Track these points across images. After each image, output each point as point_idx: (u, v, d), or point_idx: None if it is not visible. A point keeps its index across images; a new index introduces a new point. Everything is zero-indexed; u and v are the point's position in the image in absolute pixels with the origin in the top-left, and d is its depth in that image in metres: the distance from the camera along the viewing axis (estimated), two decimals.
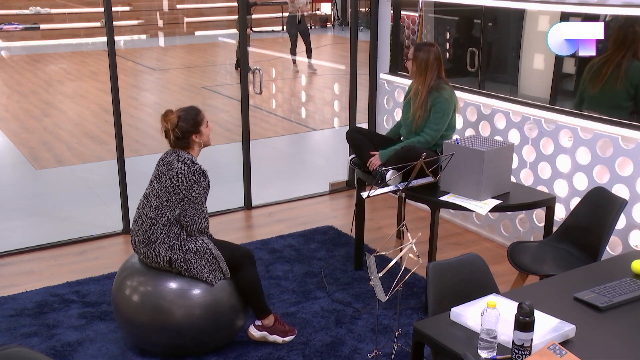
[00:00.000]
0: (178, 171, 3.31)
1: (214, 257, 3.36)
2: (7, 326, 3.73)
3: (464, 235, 5.04)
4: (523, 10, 4.95)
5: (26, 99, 10.02)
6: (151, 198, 3.37)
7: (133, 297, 3.35)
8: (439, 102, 4.10)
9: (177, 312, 3.30)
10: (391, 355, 3.45)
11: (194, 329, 3.32)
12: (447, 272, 2.72)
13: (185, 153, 3.37)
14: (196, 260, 3.33)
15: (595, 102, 4.34)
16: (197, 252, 3.34)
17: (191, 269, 3.32)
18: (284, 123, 9.03)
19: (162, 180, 3.35)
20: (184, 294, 3.31)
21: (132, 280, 3.40)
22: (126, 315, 3.40)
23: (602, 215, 3.48)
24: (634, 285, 2.70)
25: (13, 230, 5.17)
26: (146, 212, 3.37)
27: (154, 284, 3.34)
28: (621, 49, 4.17)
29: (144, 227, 3.35)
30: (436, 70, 4.14)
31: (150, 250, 3.34)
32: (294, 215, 5.41)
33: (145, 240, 3.34)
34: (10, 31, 15.31)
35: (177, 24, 17.46)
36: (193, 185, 3.31)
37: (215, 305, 3.34)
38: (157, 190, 3.35)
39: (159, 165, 3.43)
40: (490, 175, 3.73)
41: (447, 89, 4.17)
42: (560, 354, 2.12)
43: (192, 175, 3.30)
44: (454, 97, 4.20)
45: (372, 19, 5.70)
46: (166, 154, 3.43)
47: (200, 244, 3.36)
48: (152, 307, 3.31)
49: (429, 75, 4.12)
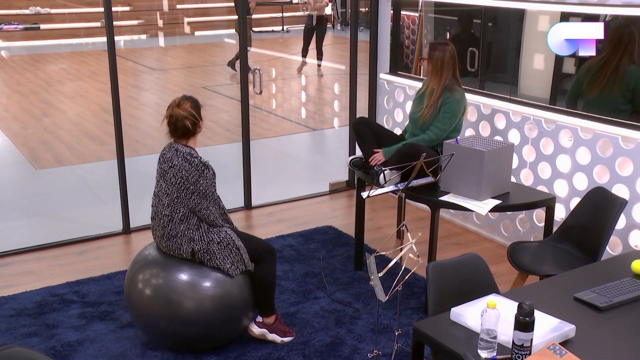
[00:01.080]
0: (180, 168, 3.31)
1: (237, 248, 3.39)
2: (7, 326, 3.73)
3: (464, 235, 5.04)
4: (523, 10, 4.95)
5: (26, 99, 10.02)
6: (161, 196, 3.39)
7: (145, 290, 3.38)
8: (450, 102, 4.10)
9: (187, 304, 3.32)
10: (391, 355, 3.45)
11: (203, 320, 3.35)
12: (447, 272, 2.72)
13: (182, 147, 3.36)
14: (219, 250, 3.35)
15: (594, 105, 4.34)
16: (221, 242, 3.36)
17: (214, 259, 3.35)
18: (284, 123, 9.03)
19: (166, 178, 3.35)
20: (194, 286, 3.33)
21: (143, 274, 3.42)
22: (139, 309, 3.42)
23: (602, 215, 3.48)
24: (634, 285, 2.70)
25: (13, 230, 5.17)
26: (160, 209, 3.39)
27: (165, 277, 3.36)
28: (617, 50, 4.17)
29: (162, 224, 3.38)
30: (451, 69, 4.13)
31: (173, 244, 3.37)
32: (294, 215, 5.41)
33: (165, 235, 3.37)
34: (10, 31, 15.30)
35: (177, 24, 17.45)
36: (199, 180, 3.31)
37: (225, 298, 3.37)
38: (165, 189, 3.36)
39: (160, 162, 3.43)
40: (490, 175, 3.73)
41: (459, 90, 4.17)
42: (560, 354, 2.12)
43: (195, 170, 3.31)
44: (465, 100, 4.20)
45: (372, 19, 5.70)
46: (165, 149, 3.43)
47: (224, 235, 3.38)
48: (164, 300, 3.33)
49: (445, 74, 4.11)
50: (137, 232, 5.02)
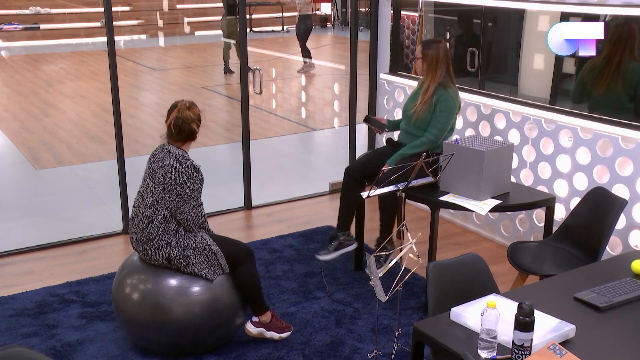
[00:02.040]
0: (170, 168, 3.30)
1: (212, 253, 3.36)
2: (7, 326, 3.73)
3: (464, 235, 5.04)
4: (523, 10, 4.95)
5: (26, 99, 10.02)
6: (145, 196, 3.37)
7: (133, 295, 3.36)
8: (444, 100, 4.08)
9: (176, 310, 3.30)
10: (391, 355, 3.45)
11: (193, 326, 3.32)
12: (447, 272, 2.72)
13: (176, 149, 3.36)
14: (195, 256, 3.33)
15: (600, 104, 4.34)
16: (196, 248, 3.33)
17: (190, 265, 3.32)
18: (283, 123, 9.03)
19: (155, 178, 3.34)
20: (183, 291, 3.31)
21: (132, 279, 3.40)
22: (126, 314, 3.40)
23: (602, 215, 3.48)
24: (634, 285, 2.70)
25: (13, 230, 5.17)
26: (142, 210, 3.36)
27: (153, 282, 3.34)
28: (618, 47, 4.17)
29: (141, 226, 3.35)
30: (445, 66, 4.13)
31: (149, 248, 3.33)
32: (294, 215, 5.41)
33: (143, 238, 3.34)
34: (10, 31, 15.30)
35: (177, 24, 17.45)
36: (186, 182, 3.30)
37: (214, 303, 3.34)
38: (150, 188, 3.35)
39: (150, 162, 3.42)
40: (490, 175, 3.73)
41: (453, 87, 4.16)
42: (560, 354, 2.12)
43: (185, 172, 3.30)
44: (459, 98, 4.20)
45: (372, 19, 5.70)
46: (157, 150, 3.43)
47: (199, 240, 3.36)
48: (152, 305, 3.31)
49: (439, 71, 4.11)
50: None
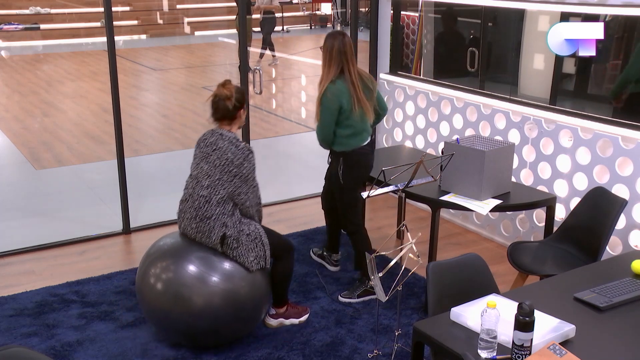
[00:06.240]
0: (226, 150, 3.34)
1: (262, 244, 3.43)
2: (7, 326, 3.73)
3: (464, 235, 5.04)
4: (523, 10, 4.95)
5: (26, 99, 10.02)
6: (201, 178, 3.39)
7: (157, 285, 3.38)
8: (324, 94, 3.80)
9: (197, 299, 3.31)
10: (391, 355, 3.45)
11: (214, 315, 3.35)
12: (447, 272, 2.72)
13: (227, 132, 3.41)
14: (247, 242, 3.39)
15: None
16: (250, 235, 3.40)
17: (240, 248, 3.37)
18: (284, 123, 9.03)
19: (209, 160, 3.37)
20: (204, 280, 3.32)
21: (155, 268, 3.42)
22: (150, 303, 3.43)
23: (602, 215, 3.48)
24: (634, 285, 2.70)
25: (13, 230, 5.17)
26: (197, 191, 3.39)
27: (175, 271, 3.36)
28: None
29: (196, 205, 3.38)
30: (341, 64, 3.77)
31: (204, 226, 3.36)
32: (294, 215, 5.41)
33: (199, 216, 3.37)
34: (10, 31, 15.30)
35: (177, 24, 17.45)
36: (243, 163, 3.36)
37: (235, 294, 3.37)
38: (206, 170, 3.38)
39: (201, 147, 3.44)
40: (490, 175, 3.73)
41: (336, 83, 3.77)
42: (560, 354, 2.12)
43: (241, 153, 3.36)
44: (345, 92, 3.75)
45: (372, 19, 5.70)
46: (205, 135, 3.46)
47: (253, 228, 3.44)
48: (174, 294, 3.33)
49: (333, 67, 3.78)
50: (137, 232, 5.02)
